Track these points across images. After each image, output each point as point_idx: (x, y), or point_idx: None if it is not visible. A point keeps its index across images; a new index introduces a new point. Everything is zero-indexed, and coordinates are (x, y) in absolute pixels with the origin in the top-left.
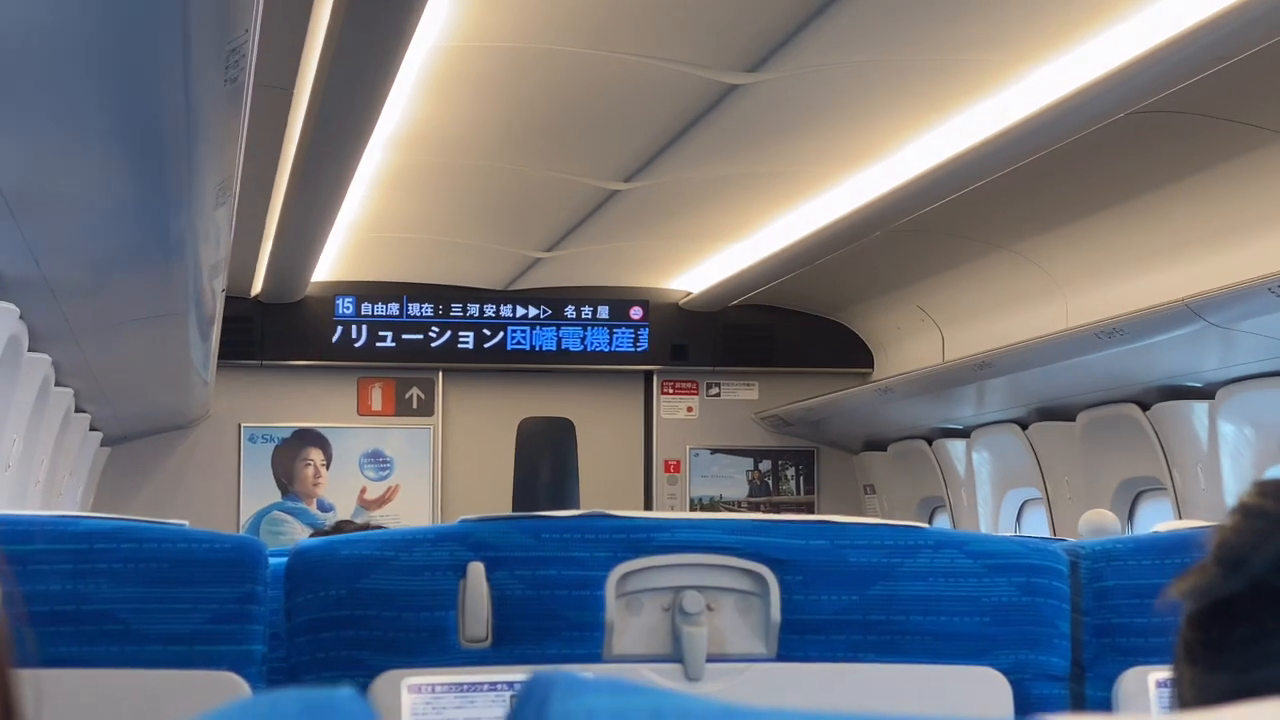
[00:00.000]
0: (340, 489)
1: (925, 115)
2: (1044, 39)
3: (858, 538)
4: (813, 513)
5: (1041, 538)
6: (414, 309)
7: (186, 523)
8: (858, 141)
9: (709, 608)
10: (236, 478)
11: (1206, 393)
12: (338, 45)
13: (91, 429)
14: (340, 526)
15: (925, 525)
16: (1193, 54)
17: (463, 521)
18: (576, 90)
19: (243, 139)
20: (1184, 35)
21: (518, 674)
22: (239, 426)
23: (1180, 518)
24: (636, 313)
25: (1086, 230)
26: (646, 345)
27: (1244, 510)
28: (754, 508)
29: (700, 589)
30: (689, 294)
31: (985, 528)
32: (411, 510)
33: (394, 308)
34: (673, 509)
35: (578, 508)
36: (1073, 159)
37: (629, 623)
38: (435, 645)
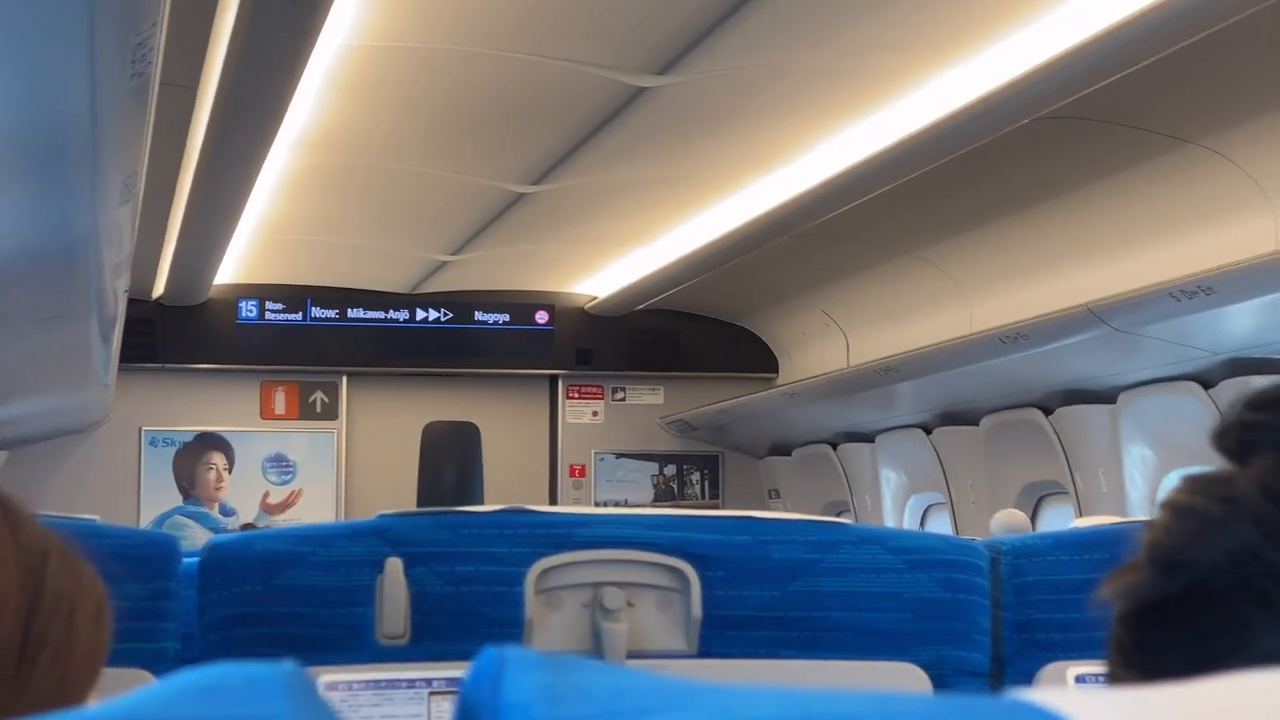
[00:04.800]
0: (243, 493)
1: (831, 120)
2: (948, 44)
3: (780, 533)
4: None
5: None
6: (318, 312)
7: (98, 518)
8: (764, 145)
9: (629, 604)
10: (137, 482)
11: (1108, 397)
12: (243, 44)
13: None
14: (249, 529)
15: (847, 521)
16: (1095, 61)
17: (380, 516)
18: (483, 92)
19: (148, 136)
20: (1086, 43)
21: (436, 671)
22: (140, 430)
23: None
24: (542, 317)
25: (991, 236)
26: (552, 350)
27: (1174, 508)
28: None
29: (621, 585)
30: (595, 298)
31: None
32: (315, 514)
33: (298, 311)
34: None
35: None
36: (977, 165)
37: (549, 619)
38: (352, 642)
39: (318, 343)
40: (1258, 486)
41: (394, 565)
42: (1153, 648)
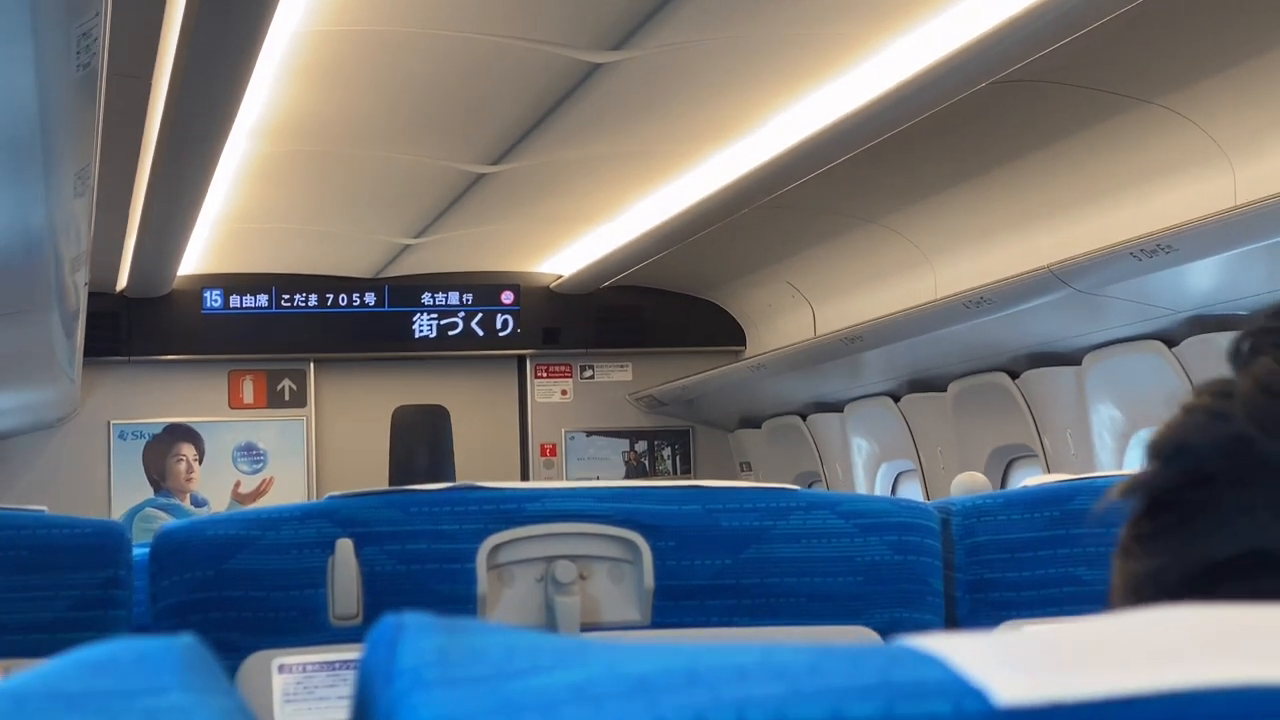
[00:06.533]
0: (214, 483)
1: (789, 90)
2: (903, 10)
3: (729, 501)
4: None
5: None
6: (283, 300)
7: (45, 508)
8: (723, 118)
9: (582, 577)
10: (107, 476)
11: (1074, 358)
12: (194, 31)
13: None
14: None
15: (797, 488)
16: (1051, 22)
17: (330, 498)
18: (439, 73)
19: (99, 128)
20: (1042, 3)
21: None
22: (108, 424)
23: None
24: (508, 297)
25: (952, 201)
26: (519, 329)
27: (1183, 409)
28: None
29: (572, 558)
30: (560, 277)
31: None
32: (287, 502)
33: (263, 299)
34: None
35: None
36: (936, 130)
37: (501, 595)
38: (306, 624)
39: (284, 330)
40: (1255, 382)
41: (344, 546)
42: (1150, 538)
